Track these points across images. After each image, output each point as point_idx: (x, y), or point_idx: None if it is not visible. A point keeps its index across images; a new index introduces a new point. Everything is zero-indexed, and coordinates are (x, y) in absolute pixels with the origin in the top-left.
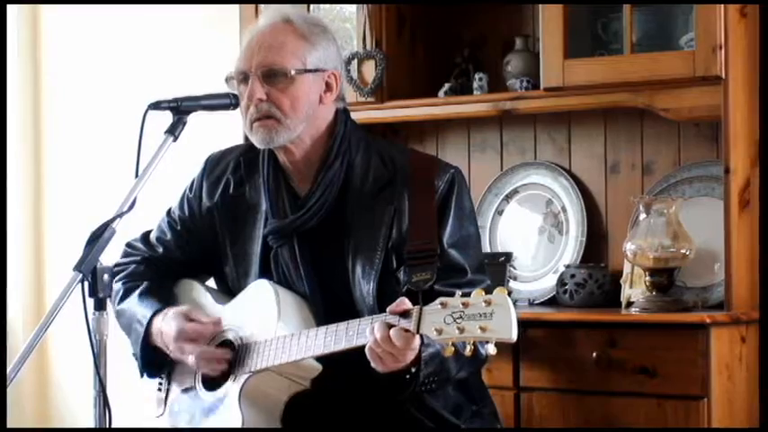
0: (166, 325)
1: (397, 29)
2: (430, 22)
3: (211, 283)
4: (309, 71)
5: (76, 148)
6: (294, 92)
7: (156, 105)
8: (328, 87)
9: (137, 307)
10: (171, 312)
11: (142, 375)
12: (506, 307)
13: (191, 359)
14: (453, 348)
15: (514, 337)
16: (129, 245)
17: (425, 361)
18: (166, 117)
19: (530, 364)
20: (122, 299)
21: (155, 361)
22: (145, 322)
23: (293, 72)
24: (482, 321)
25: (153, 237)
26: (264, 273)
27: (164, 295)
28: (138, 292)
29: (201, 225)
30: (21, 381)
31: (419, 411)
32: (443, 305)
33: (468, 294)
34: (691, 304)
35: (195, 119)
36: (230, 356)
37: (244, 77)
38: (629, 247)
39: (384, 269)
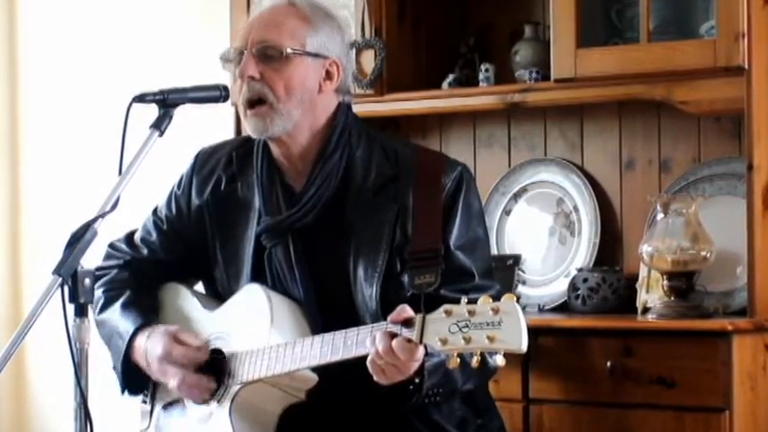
0: (152, 343)
1: (399, 16)
2: (433, 9)
3: (200, 287)
4: (308, 54)
5: (56, 143)
6: (289, 73)
7: (140, 98)
8: (328, 76)
9: (118, 320)
10: (158, 330)
11: (123, 392)
12: (515, 315)
13: (173, 383)
14: (459, 360)
15: (524, 347)
16: (111, 245)
17: (429, 371)
18: (152, 110)
19: (540, 374)
20: (103, 308)
21: (136, 378)
22: (127, 337)
23: (289, 50)
24: (489, 330)
25: (137, 237)
26: (257, 275)
27: (147, 306)
28: (120, 302)
29: (190, 224)
30: None
31: (421, 425)
32: (448, 313)
33: (474, 301)
34: (711, 310)
35: (182, 112)
36: (214, 386)
37: (239, 56)
38: (645, 249)
39: (388, 271)
